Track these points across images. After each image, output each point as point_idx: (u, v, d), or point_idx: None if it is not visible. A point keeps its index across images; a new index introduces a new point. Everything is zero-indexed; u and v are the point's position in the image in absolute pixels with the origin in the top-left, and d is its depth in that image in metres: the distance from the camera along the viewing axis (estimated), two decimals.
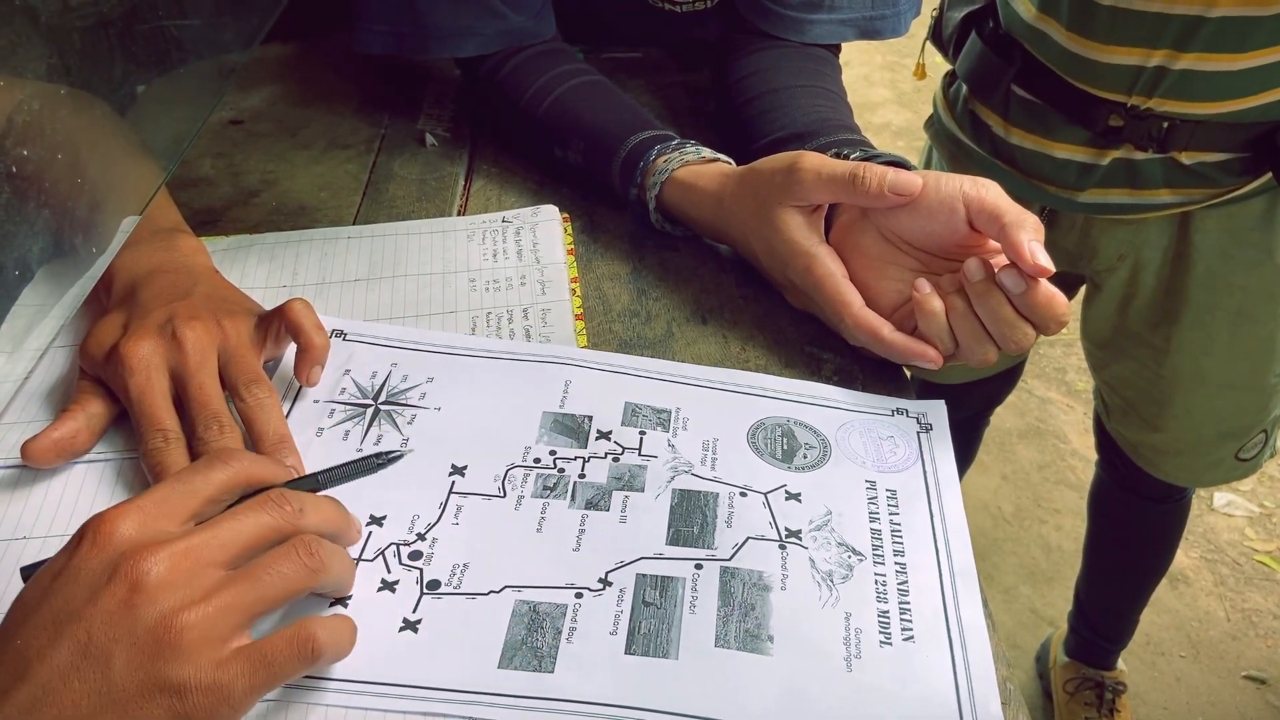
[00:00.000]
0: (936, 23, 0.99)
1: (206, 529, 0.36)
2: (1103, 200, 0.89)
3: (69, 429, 0.46)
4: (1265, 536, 1.67)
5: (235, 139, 0.77)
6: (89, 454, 0.47)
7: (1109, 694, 1.35)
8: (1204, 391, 0.96)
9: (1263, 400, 0.96)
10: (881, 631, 0.41)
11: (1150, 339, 0.96)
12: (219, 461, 0.40)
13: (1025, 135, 0.89)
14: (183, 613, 0.33)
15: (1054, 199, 0.91)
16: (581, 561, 0.43)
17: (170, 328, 0.47)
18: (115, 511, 0.36)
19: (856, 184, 0.51)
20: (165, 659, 0.33)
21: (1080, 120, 0.85)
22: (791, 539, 0.44)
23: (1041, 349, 2.02)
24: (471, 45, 0.70)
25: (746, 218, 0.57)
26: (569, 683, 0.39)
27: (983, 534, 1.65)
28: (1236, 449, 1.00)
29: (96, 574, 0.34)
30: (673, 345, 0.57)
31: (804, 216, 0.54)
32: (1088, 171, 0.87)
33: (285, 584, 0.36)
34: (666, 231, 0.64)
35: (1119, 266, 0.95)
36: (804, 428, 0.50)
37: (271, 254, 0.62)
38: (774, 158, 0.55)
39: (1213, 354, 0.93)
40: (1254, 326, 0.91)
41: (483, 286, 0.60)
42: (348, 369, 0.52)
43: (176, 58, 0.49)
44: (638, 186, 0.63)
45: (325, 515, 0.41)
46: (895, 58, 3.11)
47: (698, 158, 0.61)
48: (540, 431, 0.49)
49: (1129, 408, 1.03)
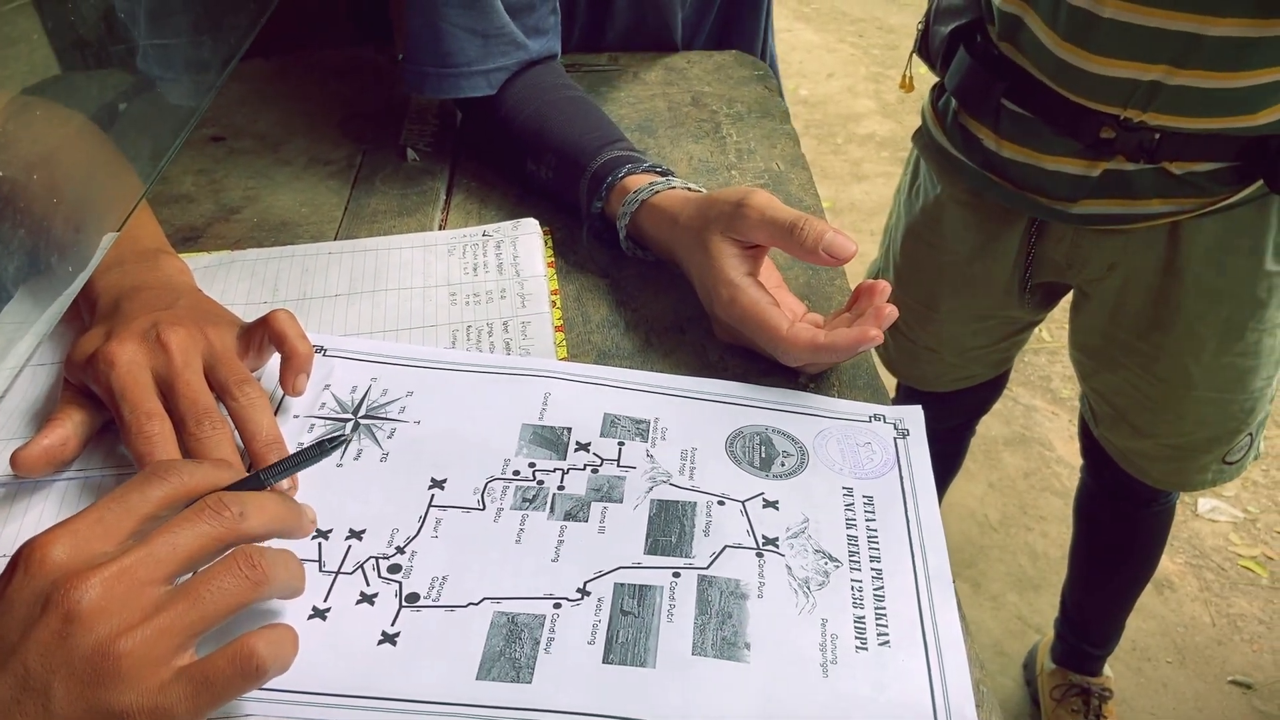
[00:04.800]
0: (923, 36, 1.00)
1: (141, 546, 0.35)
2: (1095, 211, 0.89)
3: (58, 436, 0.46)
4: (1250, 541, 1.68)
5: (217, 155, 0.77)
6: (72, 470, 0.47)
7: (1096, 700, 1.36)
8: (1193, 398, 0.96)
9: (1250, 405, 0.97)
10: (858, 637, 0.41)
11: (1140, 347, 0.97)
12: (155, 476, 0.38)
13: (1017, 148, 0.90)
14: (119, 639, 0.33)
15: (1046, 211, 0.92)
16: (560, 572, 0.43)
17: (154, 333, 0.47)
18: (47, 537, 0.34)
19: (794, 234, 0.52)
20: (105, 687, 0.32)
21: (1072, 132, 0.85)
22: (769, 547, 0.45)
23: (1027, 357, 2.03)
24: (497, 79, 0.71)
25: (690, 241, 0.57)
26: (547, 693, 0.39)
27: (969, 541, 1.66)
28: (1224, 453, 1.01)
29: (29, 604, 0.33)
30: (651, 355, 0.57)
31: (739, 249, 0.55)
32: (1079, 183, 0.88)
33: (226, 600, 0.35)
34: (636, 256, 0.64)
35: (1109, 276, 0.95)
36: (782, 435, 0.51)
37: (253, 270, 0.62)
38: (731, 189, 0.56)
39: (1202, 361, 0.94)
40: (1242, 333, 0.92)
41: (463, 300, 0.60)
42: (327, 384, 0.53)
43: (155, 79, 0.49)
44: (602, 200, 0.63)
45: (271, 514, 0.39)
46: (879, 69, 3.13)
47: (668, 187, 0.61)
48: (519, 444, 0.49)
49: (1118, 415, 1.04)
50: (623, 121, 0.81)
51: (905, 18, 3.44)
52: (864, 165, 2.70)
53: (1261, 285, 0.89)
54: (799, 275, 0.64)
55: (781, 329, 0.52)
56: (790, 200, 0.72)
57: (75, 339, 0.50)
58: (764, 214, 0.53)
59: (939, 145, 0.99)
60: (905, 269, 1.08)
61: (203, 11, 0.53)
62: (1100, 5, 0.78)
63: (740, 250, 0.55)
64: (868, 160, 2.72)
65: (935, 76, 0.99)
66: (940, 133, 0.98)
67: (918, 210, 1.04)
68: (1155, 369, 0.96)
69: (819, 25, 3.47)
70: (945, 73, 0.95)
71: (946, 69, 0.94)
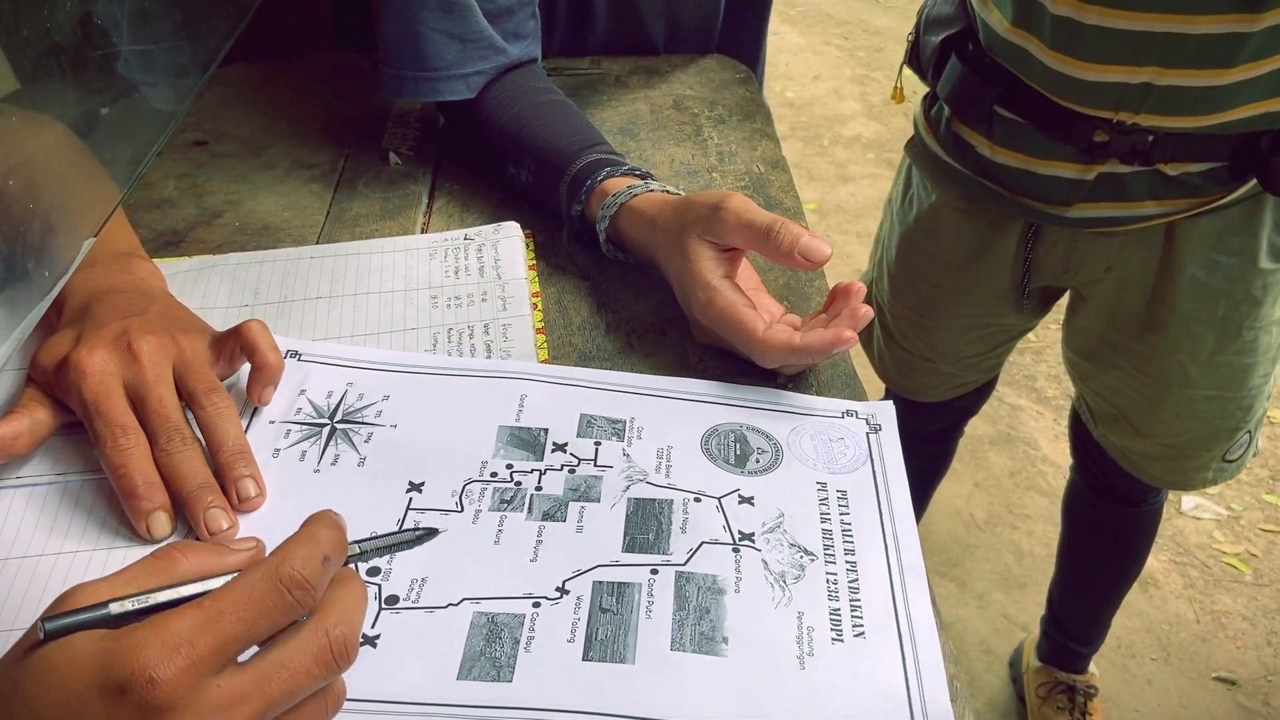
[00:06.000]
0: (913, 46, 1.00)
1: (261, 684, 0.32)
2: (1090, 215, 0.90)
3: (12, 429, 0.46)
4: (1233, 539, 1.69)
5: (199, 160, 0.77)
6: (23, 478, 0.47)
7: (1081, 697, 1.36)
8: (1191, 397, 0.97)
9: (1248, 402, 0.98)
10: (833, 629, 0.42)
11: (1136, 348, 0.97)
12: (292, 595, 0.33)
13: (1011, 154, 0.90)
14: None
15: (1041, 215, 0.92)
16: (539, 572, 0.44)
17: (125, 340, 0.47)
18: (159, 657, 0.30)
19: (770, 238, 0.52)
20: None
21: (1065, 137, 0.86)
22: (745, 542, 0.45)
23: (1012, 357, 2.04)
24: (477, 83, 0.72)
25: (668, 244, 0.57)
26: (528, 691, 0.39)
27: (956, 541, 1.67)
28: (1224, 451, 1.02)
29: None
30: (632, 356, 0.58)
31: (715, 253, 0.55)
32: (1074, 187, 0.88)
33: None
34: (617, 259, 0.64)
35: (1105, 279, 0.96)
36: (756, 432, 0.51)
37: (234, 274, 0.63)
38: (709, 192, 0.56)
39: (1200, 360, 0.94)
40: (1239, 331, 0.93)
41: (444, 303, 0.61)
42: (303, 389, 0.53)
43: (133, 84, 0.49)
44: (581, 204, 0.64)
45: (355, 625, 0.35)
46: (865, 71, 3.15)
47: (646, 190, 0.61)
48: (496, 446, 0.50)
49: (1118, 414, 1.04)
50: (604, 125, 0.81)
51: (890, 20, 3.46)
52: (850, 167, 2.72)
53: (1257, 283, 0.90)
54: (778, 277, 0.65)
55: (757, 331, 0.52)
56: (770, 203, 0.73)
57: (42, 339, 0.49)
58: (740, 217, 0.53)
59: (932, 154, 0.99)
60: (901, 278, 1.09)
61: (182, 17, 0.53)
62: (1084, 13, 0.78)
63: (717, 253, 0.55)
64: (854, 162, 2.74)
65: (926, 86, 1.00)
66: (934, 141, 0.99)
67: (912, 219, 1.04)
68: (1152, 369, 0.97)
69: (804, 28, 3.49)
70: (937, 82, 0.95)
71: (938, 79, 0.95)
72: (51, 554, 0.44)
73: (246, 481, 0.46)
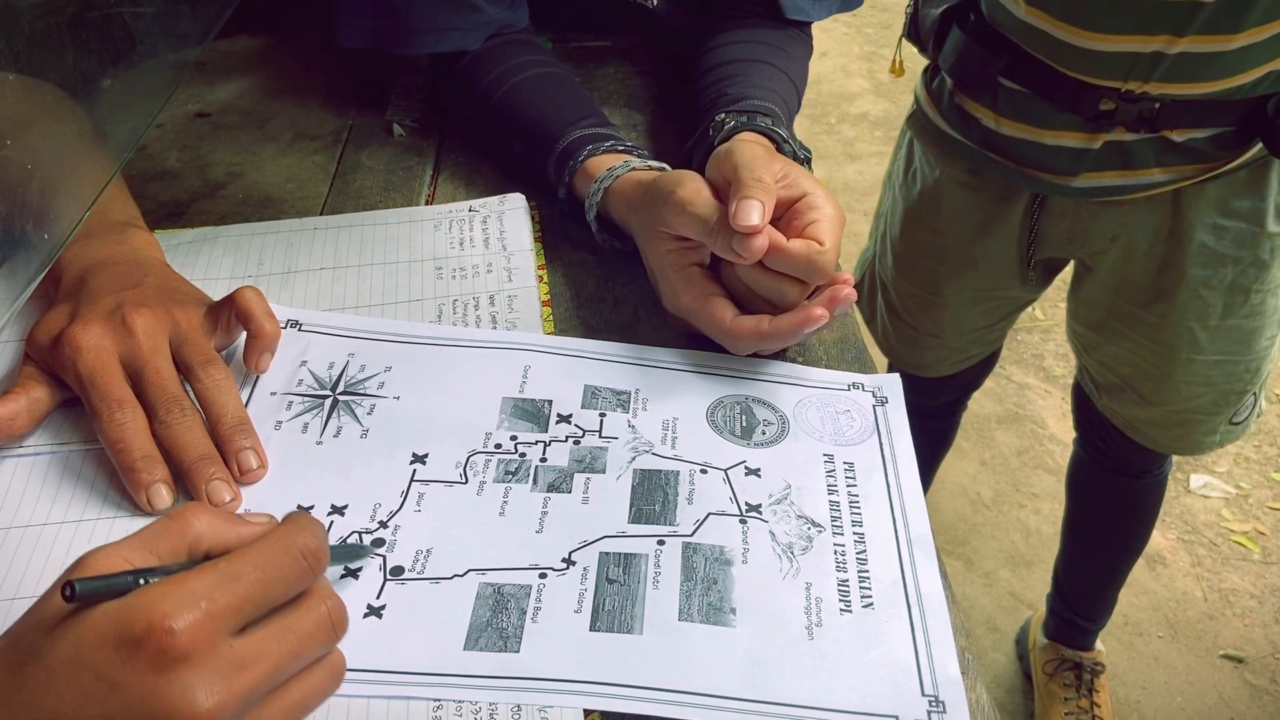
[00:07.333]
0: (912, 19, 0.99)
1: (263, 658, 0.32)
2: (1096, 184, 0.89)
3: (9, 409, 0.45)
4: (1241, 517, 1.69)
5: (202, 132, 0.77)
6: (24, 448, 0.47)
7: (1088, 674, 1.36)
8: (1200, 363, 0.96)
9: (1255, 365, 0.98)
10: (841, 600, 0.41)
11: (1145, 317, 0.97)
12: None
13: (1016, 125, 0.89)
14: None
15: (1047, 186, 0.91)
16: (544, 543, 0.43)
17: (120, 314, 0.47)
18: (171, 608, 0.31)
19: (710, 237, 0.50)
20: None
21: (1072, 107, 0.85)
22: (752, 513, 0.45)
23: (1020, 335, 2.04)
24: (449, 40, 0.70)
25: (640, 232, 0.56)
26: (535, 661, 0.39)
27: (962, 519, 1.66)
28: (1230, 414, 1.02)
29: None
30: (639, 329, 0.57)
31: (678, 243, 0.53)
32: (1080, 156, 0.87)
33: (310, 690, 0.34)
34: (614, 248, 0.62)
35: (1111, 248, 0.95)
36: (762, 404, 0.51)
37: (237, 245, 0.62)
38: (672, 174, 0.54)
39: (1208, 326, 0.94)
40: (1247, 295, 0.92)
41: (449, 274, 0.60)
42: (304, 360, 0.52)
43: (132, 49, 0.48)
44: (565, 186, 0.62)
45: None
46: (872, 48, 3.12)
47: (627, 169, 0.59)
48: (500, 417, 0.49)
49: (1124, 384, 1.04)
50: (610, 99, 0.80)
51: None
52: (857, 145, 2.69)
53: (1265, 246, 0.90)
54: None
55: (724, 322, 0.51)
56: None
57: (38, 313, 0.49)
58: (685, 209, 0.51)
59: (936, 127, 0.98)
60: (905, 255, 1.08)
61: None
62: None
63: (679, 244, 0.53)
64: (861, 140, 2.71)
65: (925, 59, 0.99)
66: (936, 114, 0.98)
67: (915, 195, 1.03)
68: (1161, 337, 0.96)
69: None
70: (938, 55, 0.94)
71: (939, 51, 0.94)
72: (55, 523, 0.44)
73: (248, 453, 0.46)
